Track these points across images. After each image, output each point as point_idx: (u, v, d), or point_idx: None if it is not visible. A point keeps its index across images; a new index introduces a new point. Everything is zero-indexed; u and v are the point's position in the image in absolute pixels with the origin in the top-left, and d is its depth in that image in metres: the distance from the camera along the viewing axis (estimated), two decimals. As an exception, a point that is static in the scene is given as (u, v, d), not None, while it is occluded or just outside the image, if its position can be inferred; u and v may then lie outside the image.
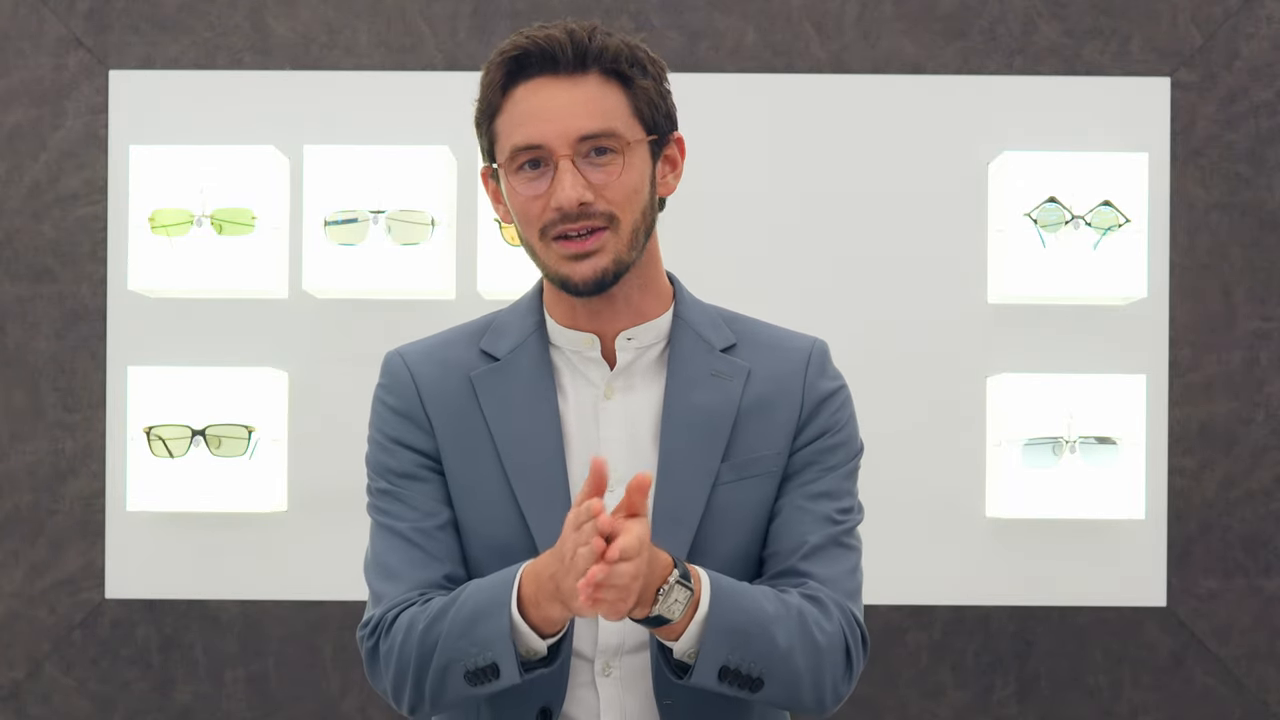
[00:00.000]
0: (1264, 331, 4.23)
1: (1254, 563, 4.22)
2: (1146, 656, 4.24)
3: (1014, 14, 4.27)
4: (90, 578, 4.21)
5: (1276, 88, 4.24)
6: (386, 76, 4.26)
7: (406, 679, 2.78)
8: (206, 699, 4.22)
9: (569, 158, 2.66)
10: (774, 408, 2.83)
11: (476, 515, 2.79)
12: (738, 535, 2.78)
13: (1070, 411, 4.12)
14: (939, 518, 4.24)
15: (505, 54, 2.69)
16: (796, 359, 2.87)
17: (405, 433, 2.84)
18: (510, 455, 2.77)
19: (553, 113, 2.67)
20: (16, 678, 4.22)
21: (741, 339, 2.88)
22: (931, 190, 4.28)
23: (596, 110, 2.68)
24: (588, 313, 2.78)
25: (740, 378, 2.84)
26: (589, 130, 2.66)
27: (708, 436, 2.78)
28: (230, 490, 4.14)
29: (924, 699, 4.22)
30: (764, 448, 2.80)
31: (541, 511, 2.76)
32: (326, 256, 4.14)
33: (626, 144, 2.70)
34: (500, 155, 2.71)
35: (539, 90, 2.68)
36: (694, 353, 2.84)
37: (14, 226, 4.23)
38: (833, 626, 2.76)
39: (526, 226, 2.72)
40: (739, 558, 2.78)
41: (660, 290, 2.85)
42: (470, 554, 2.82)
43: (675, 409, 2.80)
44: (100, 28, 4.24)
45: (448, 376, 2.83)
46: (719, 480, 2.76)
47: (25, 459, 4.23)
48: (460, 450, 2.81)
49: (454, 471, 2.82)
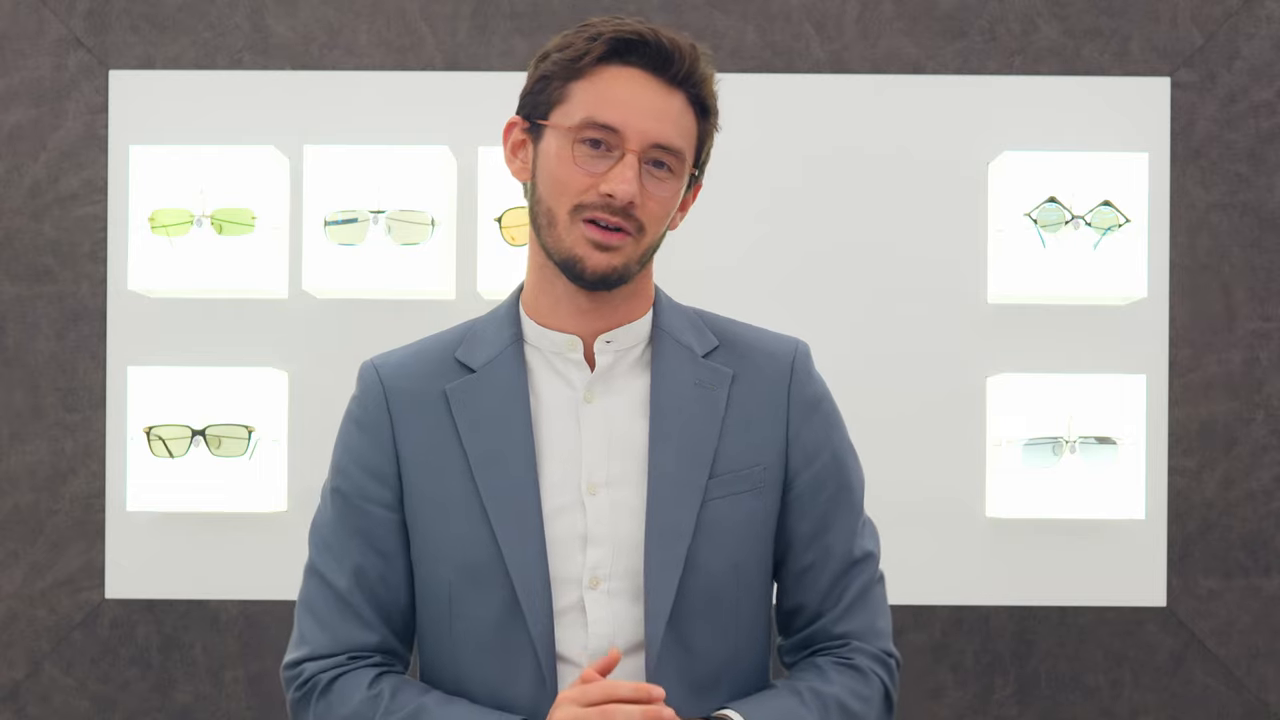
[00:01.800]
0: (1264, 332, 4.22)
1: (1254, 563, 4.21)
2: (1146, 657, 4.22)
3: (1014, 14, 4.25)
4: (90, 577, 4.21)
5: (1277, 87, 4.23)
6: (386, 76, 4.25)
7: None
8: (206, 699, 4.21)
9: (638, 155, 2.66)
10: (759, 420, 2.83)
11: (447, 533, 2.79)
12: (729, 549, 2.77)
13: (1070, 412, 4.10)
14: (939, 518, 4.25)
15: (621, 32, 2.69)
16: (780, 365, 2.86)
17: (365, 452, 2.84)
18: (482, 473, 2.76)
19: (642, 109, 2.68)
20: (16, 677, 4.21)
21: (723, 341, 2.87)
22: (931, 190, 4.27)
23: (677, 127, 2.71)
24: (574, 310, 2.77)
25: (724, 385, 2.82)
26: (666, 141, 2.68)
27: (694, 455, 2.77)
28: (230, 490, 4.14)
29: (924, 699, 4.21)
30: (751, 462, 2.80)
31: (513, 531, 2.75)
32: (326, 256, 4.14)
33: (679, 170, 2.72)
34: (566, 119, 2.68)
35: (636, 80, 2.69)
36: (676, 361, 2.83)
37: (14, 226, 4.23)
38: (870, 690, 2.81)
39: (560, 194, 2.70)
40: (730, 569, 2.78)
41: (644, 294, 2.85)
42: (438, 578, 2.80)
43: (661, 428, 2.78)
44: (100, 28, 4.23)
45: (423, 390, 2.82)
46: (708, 497, 2.75)
47: (25, 459, 4.23)
48: (431, 467, 2.80)
49: (424, 489, 2.81)
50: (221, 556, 4.25)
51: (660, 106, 2.69)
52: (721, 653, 2.80)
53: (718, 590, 2.76)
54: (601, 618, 2.74)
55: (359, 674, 2.79)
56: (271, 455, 4.16)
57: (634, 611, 2.75)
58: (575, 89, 2.68)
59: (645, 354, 2.83)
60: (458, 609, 2.79)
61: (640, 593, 2.75)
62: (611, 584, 2.76)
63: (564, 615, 2.76)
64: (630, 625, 2.75)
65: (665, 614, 2.71)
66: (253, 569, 4.24)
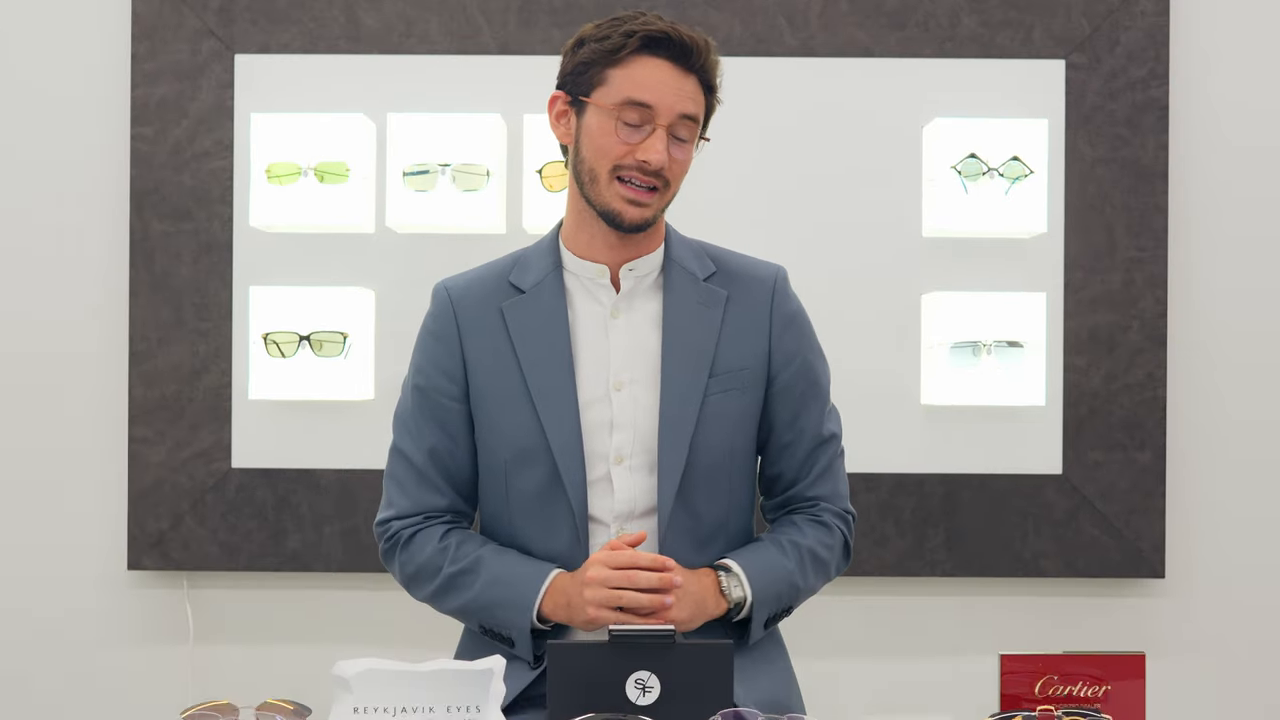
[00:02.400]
0: (1138, 259, 4.29)
1: (1130, 439, 4.29)
2: (1046, 513, 4.31)
3: (943, 10, 4.30)
4: (220, 451, 4.31)
5: (1148, 68, 4.29)
6: (451, 59, 4.29)
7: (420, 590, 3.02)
8: (310, 546, 4.31)
9: (667, 127, 2.87)
10: (748, 332, 3.01)
11: (503, 421, 2.97)
12: (724, 434, 2.99)
13: (987, 321, 4.19)
14: (884, 404, 4.29)
15: (651, 30, 2.87)
16: (764, 287, 3.05)
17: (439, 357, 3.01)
18: (531, 372, 2.94)
19: (670, 90, 2.87)
20: (163, 529, 4.30)
21: (720, 268, 3.04)
22: (878, 148, 4.32)
23: (694, 101, 2.90)
24: (605, 246, 2.96)
25: (720, 304, 2.98)
26: (688, 112, 2.89)
27: (697, 360, 2.95)
28: (329, 383, 4.21)
29: (873, 547, 4.30)
30: (741, 365, 2.99)
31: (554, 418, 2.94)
32: (405, 200, 4.19)
33: (695, 135, 2.93)
34: (607, 99, 2.88)
35: (664, 69, 2.88)
36: (683, 285, 2.99)
37: (161, 178, 4.29)
38: (834, 540, 3.05)
39: (601, 158, 2.89)
40: (725, 455, 2.99)
41: (657, 230, 3.02)
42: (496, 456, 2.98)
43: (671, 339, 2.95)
44: (227, 21, 4.30)
45: (483, 307, 2.99)
46: (707, 394, 2.95)
47: (170, 359, 4.30)
48: (490, 368, 2.96)
49: (485, 385, 2.97)
50: (322, 435, 4.30)
51: (683, 87, 2.88)
52: (718, 515, 3.02)
53: (715, 467, 2.98)
54: (624, 486, 2.96)
55: (432, 530, 3.00)
56: (362, 355, 4.23)
57: (650, 482, 2.96)
58: (614, 74, 2.88)
59: (659, 279, 3.00)
60: (511, 480, 3.00)
61: (655, 468, 2.95)
62: (632, 460, 2.96)
63: (595, 485, 2.96)
64: (646, 494, 2.97)
65: (674, 486, 2.93)
66: (346, 444, 4.30)
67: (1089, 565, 4.33)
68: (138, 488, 4.34)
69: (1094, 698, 2.61)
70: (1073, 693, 2.60)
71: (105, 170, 4.36)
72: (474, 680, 2.40)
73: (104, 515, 4.37)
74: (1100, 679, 2.61)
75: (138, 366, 4.33)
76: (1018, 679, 2.61)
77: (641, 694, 2.52)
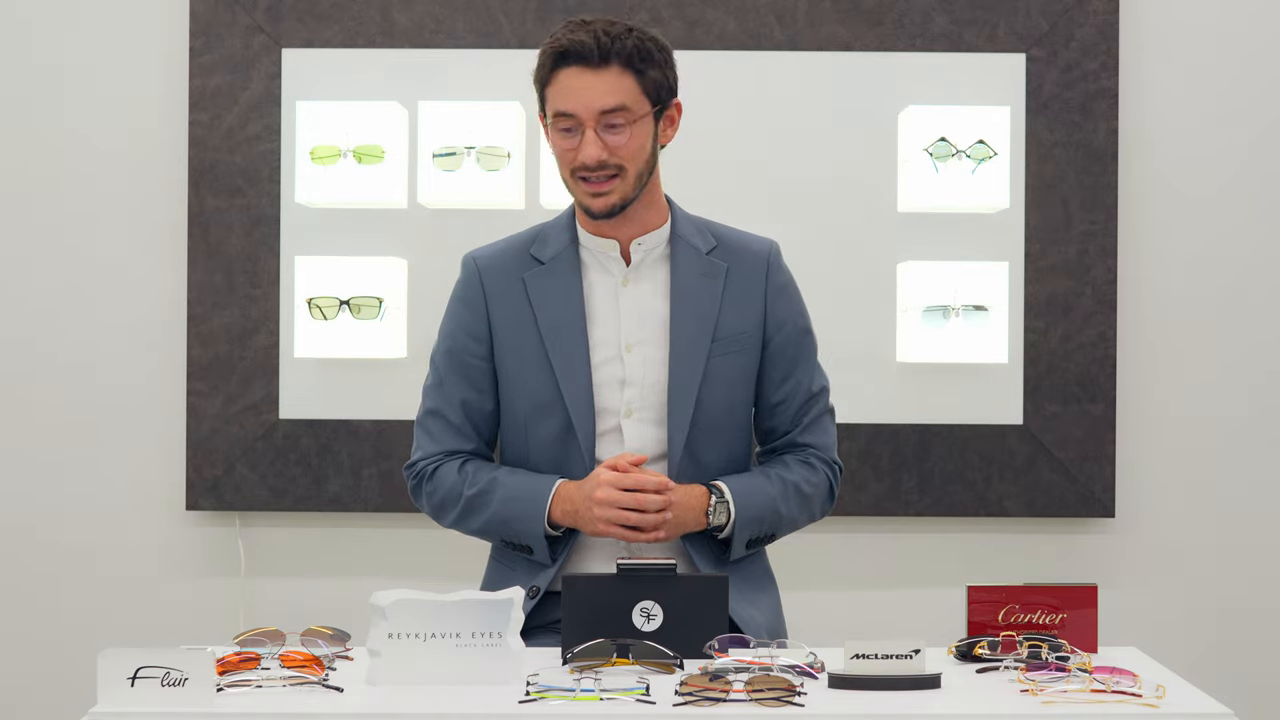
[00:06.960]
0: (1091, 232, 4.30)
1: (1084, 393, 4.31)
2: (1008, 459, 4.31)
3: (916, 9, 4.30)
4: (268, 404, 4.32)
5: (1100, 61, 4.30)
6: (476, 53, 4.30)
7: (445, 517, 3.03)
8: (349, 489, 4.33)
9: (592, 126, 2.84)
10: (745, 300, 3.02)
11: (523, 378, 2.99)
12: (725, 391, 3.01)
13: (955, 288, 4.20)
14: (865, 362, 4.28)
15: (554, 47, 2.87)
16: (760, 259, 3.05)
17: (468, 322, 3.02)
18: (549, 335, 2.96)
19: (581, 93, 2.85)
20: (217, 474, 4.33)
21: (720, 242, 3.04)
22: (858, 132, 4.31)
23: (612, 93, 2.85)
24: (609, 225, 2.97)
25: (721, 275, 2.99)
26: (607, 106, 2.85)
27: (701, 325, 2.97)
28: (367, 342, 4.22)
29: (853, 491, 4.29)
30: (740, 330, 3.00)
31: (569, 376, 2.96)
32: (434, 179, 4.20)
33: (634, 117, 2.87)
34: (548, 115, 2.91)
35: (574, 76, 2.86)
36: (687, 258, 3.00)
37: (216, 159, 4.31)
38: (818, 478, 3.05)
39: (561, 165, 2.92)
40: (727, 410, 3.01)
41: (661, 207, 3.01)
42: (517, 409, 3.00)
43: (678, 306, 2.97)
44: (275, 18, 4.31)
45: (507, 276, 3.01)
46: (711, 355, 2.97)
47: (224, 320, 4.33)
48: (513, 331, 2.99)
49: (508, 346, 2.99)
50: (360, 389, 4.32)
51: (594, 84, 2.84)
52: (719, 462, 3.03)
53: (718, 420, 3.00)
54: (634, 436, 2.99)
55: (453, 463, 3.02)
56: (396, 318, 4.25)
57: (656, 433, 2.98)
58: (548, 93, 2.90)
59: (666, 252, 3.01)
60: (530, 430, 3.02)
61: (662, 421, 2.97)
62: (642, 414, 2.99)
63: (606, 435, 2.98)
64: (655, 443, 2.99)
65: (683, 437, 2.96)
66: (382, 398, 4.31)
67: (1047, 506, 4.35)
68: (195, 437, 4.36)
69: (1052, 625, 2.66)
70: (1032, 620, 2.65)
71: (167, 153, 4.38)
72: (496, 609, 2.46)
73: (165, 462, 4.41)
74: (1057, 608, 2.66)
75: (195, 328, 4.35)
76: (983, 608, 2.66)
77: (646, 621, 2.58)
